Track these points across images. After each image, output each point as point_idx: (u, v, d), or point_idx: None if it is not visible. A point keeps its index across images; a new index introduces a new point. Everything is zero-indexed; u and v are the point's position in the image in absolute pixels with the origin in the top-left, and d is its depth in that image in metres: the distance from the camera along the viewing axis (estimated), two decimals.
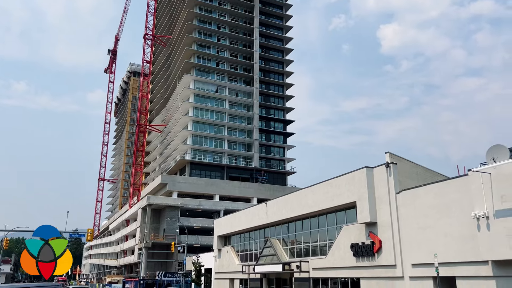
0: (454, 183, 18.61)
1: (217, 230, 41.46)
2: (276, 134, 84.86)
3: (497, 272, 15.97)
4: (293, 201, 29.33)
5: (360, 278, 22.62)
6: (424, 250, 18.93)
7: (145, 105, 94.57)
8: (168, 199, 69.84)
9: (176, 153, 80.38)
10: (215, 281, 40.35)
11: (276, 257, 29.57)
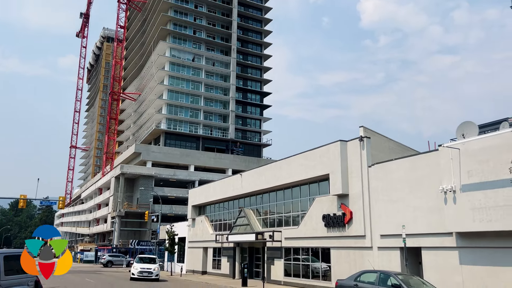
0: (424, 157, 19.13)
1: (191, 200, 41.63)
2: (253, 106, 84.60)
3: (460, 243, 16.73)
4: (268, 173, 29.63)
5: (331, 247, 23.31)
6: (393, 222, 19.58)
7: (118, 72, 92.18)
8: (142, 169, 69.33)
9: (150, 122, 79.29)
10: (189, 250, 40.83)
11: (250, 227, 30.05)
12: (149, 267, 29.99)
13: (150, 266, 30.15)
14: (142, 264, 30.52)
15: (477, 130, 17.88)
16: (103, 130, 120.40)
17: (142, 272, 29.65)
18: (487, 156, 15.60)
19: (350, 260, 21.86)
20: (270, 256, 28.45)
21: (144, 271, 29.73)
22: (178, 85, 77.04)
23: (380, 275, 14.74)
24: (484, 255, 15.92)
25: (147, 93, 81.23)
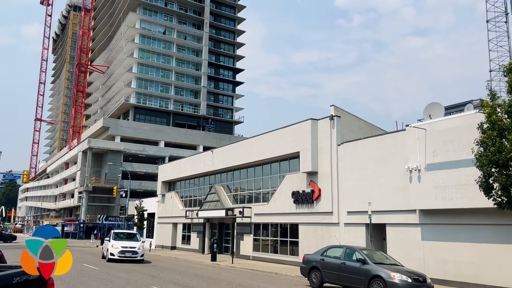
0: (392, 137, 19.60)
1: (161, 176, 41.33)
2: (225, 82, 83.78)
3: (423, 220, 17.42)
4: (239, 150, 29.67)
5: (299, 223, 23.80)
6: (360, 199, 20.13)
7: (86, 43, 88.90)
8: (110, 143, 67.98)
9: (119, 96, 77.36)
10: (158, 225, 40.76)
11: (220, 203, 30.22)
12: (133, 246, 23.89)
13: (133, 244, 24.03)
14: (122, 242, 24.17)
15: (443, 111, 18.40)
16: (69, 103, 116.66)
17: (124, 251, 23.43)
18: (451, 136, 16.13)
19: (318, 235, 22.42)
20: (239, 231, 28.80)
21: (127, 250, 23.52)
22: (149, 58, 75.16)
23: (346, 250, 15.20)
24: (444, 231, 16.66)
25: (116, 66, 78.92)
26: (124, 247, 23.65)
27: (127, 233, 26.85)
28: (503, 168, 11.77)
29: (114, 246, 23.64)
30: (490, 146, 11.90)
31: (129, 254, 23.50)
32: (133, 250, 23.61)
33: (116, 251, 23.44)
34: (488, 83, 15.51)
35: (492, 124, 12.06)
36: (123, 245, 23.83)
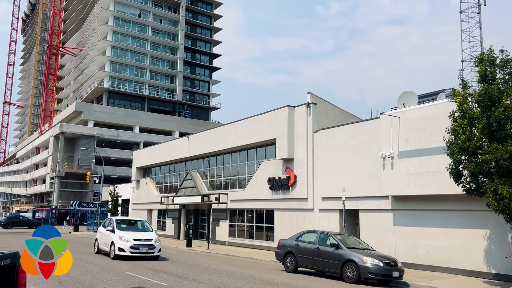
0: (366, 125, 19.91)
1: (136, 161, 40.83)
2: (202, 67, 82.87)
3: (395, 206, 17.87)
4: (216, 136, 29.56)
5: (275, 209, 24.03)
6: (334, 186, 20.44)
7: (57, 25, 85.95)
8: (83, 128, 66.55)
9: (92, 80, 75.49)
10: (133, 212, 40.40)
11: (196, 189, 30.14)
12: (148, 238, 18.23)
13: (148, 236, 18.41)
14: (133, 233, 18.35)
15: (416, 100, 18.77)
16: (40, 86, 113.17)
17: (138, 246, 17.67)
18: (424, 124, 16.50)
19: (293, 221, 22.70)
20: (215, 217, 28.87)
21: (142, 244, 17.79)
22: (123, 41, 73.42)
23: (320, 235, 15.47)
24: (415, 217, 17.15)
25: (89, 48, 76.79)
26: (137, 240, 17.78)
27: (133, 221, 20.96)
28: (472, 156, 12.15)
29: (124, 239, 17.71)
30: (460, 134, 12.25)
31: (145, 249, 17.71)
32: (149, 244, 17.88)
33: (126, 245, 17.53)
34: (460, 72, 15.91)
35: (463, 113, 12.39)
36: (136, 236, 17.92)
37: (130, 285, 11.45)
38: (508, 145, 11.13)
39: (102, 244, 19.51)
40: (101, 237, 19.73)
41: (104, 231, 19.49)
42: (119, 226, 18.96)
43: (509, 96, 11.66)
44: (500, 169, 11.44)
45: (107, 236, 18.90)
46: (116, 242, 17.85)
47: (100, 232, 20.31)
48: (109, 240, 18.50)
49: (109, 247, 18.29)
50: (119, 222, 19.63)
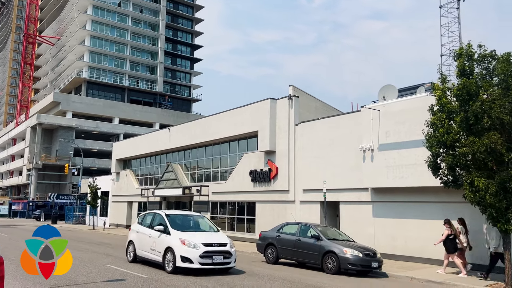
0: (347, 118, 20.09)
1: (116, 153, 40.30)
2: (183, 58, 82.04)
3: (375, 198, 18.14)
4: (197, 128, 29.39)
5: (256, 201, 24.11)
6: (315, 178, 20.61)
7: (34, 13, 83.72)
8: (61, 119, 65.23)
9: (71, 70, 73.93)
10: (113, 204, 39.95)
11: (177, 182, 29.97)
12: (222, 242, 12.85)
13: (221, 239, 13.02)
14: (198, 235, 12.96)
15: (397, 93, 19.01)
16: (16, 76, 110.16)
17: (211, 254, 12.27)
18: (404, 118, 16.74)
19: (274, 213, 22.83)
20: (197, 210, 28.77)
21: (216, 251, 12.43)
22: (102, 31, 71.99)
23: (301, 227, 15.62)
24: (394, 208, 17.46)
25: (67, 38, 75.04)
26: (208, 245, 12.31)
27: (189, 216, 14.83)
28: (450, 149, 12.39)
29: (189, 244, 12.11)
30: (439, 128, 12.46)
31: (219, 258, 12.27)
32: (225, 251, 12.47)
33: (194, 253, 11.97)
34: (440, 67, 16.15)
35: (441, 107, 12.60)
36: (205, 240, 12.48)
37: None
38: (484, 138, 11.38)
39: (143, 249, 13.77)
40: (141, 239, 13.99)
41: (147, 231, 13.81)
42: (175, 225, 13.18)
43: (486, 91, 11.90)
44: (476, 162, 11.71)
45: (154, 238, 13.23)
46: (177, 248, 12.12)
47: (137, 231, 14.39)
48: (160, 244, 12.87)
49: (162, 255, 12.60)
50: (173, 218, 13.63)
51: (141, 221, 14.78)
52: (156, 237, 13.19)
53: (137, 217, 15.34)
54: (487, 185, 11.26)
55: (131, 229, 15.02)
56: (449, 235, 13.97)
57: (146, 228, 14.07)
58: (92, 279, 11.03)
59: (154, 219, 14.00)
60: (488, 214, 11.71)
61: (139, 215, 16.02)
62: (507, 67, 11.73)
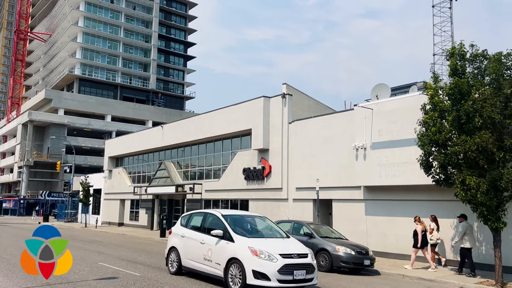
0: (340, 116, 20.15)
1: (108, 151, 40.08)
2: (176, 56, 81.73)
3: (367, 196, 18.24)
4: (191, 126, 29.32)
5: (249, 199, 24.13)
6: (308, 176, 20.67)
7: (25, 8, 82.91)
8: (53, 116, 64.74)
9: (63, 67, 73.33)
10: (105, 202, 39.76)
11: (170, 179, 29.89)
12: (302, 252, 9.71)
13: (298, 248, 9.88)
14: (270, 242, 9.83)
15: (389, 92, 19.10)
16: (7, 72, 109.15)
17: (292, 268, 9.17)
18: (396, 116, 16.83)
19: (267, 211, 22.83)
20: (189, 207, 28.71)
21: (297, 265, 9.31)
22: (95, 27, 71.47)
23: (294, 225, 15.66)
24: (386, 206, 17.56)
25: (59, 34, 74.40)
26: (287, 256, 9.39)
27: (250, 217, 11.65)
28: (442, 148, 12.49)
29: (263, 255, 9.25)
30: (431, 127, 12.55)
31: (301, 274, 9.37)
32: (306, 264, 9.54)
33: (271, 267, 9.09)
34: (432, 66, 16.25)
35: (434, 106, 12.68)
36: (282, 250, 9.54)
37: None
38: (476, 137, 11.48)
39: (192, 258, 10.89)
40: (189, 246, 11.11)
41: (197, 236, 10.92)
42: (237, 228, 10.27)
43: (477, 90, 12.00)
44: (468, 161, 11.81)
45: (209, 245, 10.30)
46: (247, 260, 9.20)
47: (182, 236, 11.51)
48: (219, 254, 9.92)
49: (223, 268, 9.65)
50: (233, 220, 10.69)
51: (185, 222, 11.97)
52: (212, 244, 10.17)
53: (180, 217, 12.45)
54: (478, 184, 11.37)
55: (172, 232, 12.22)
56: (422, 231, 14.50)
57: (196, 232, 11.12)
58: (84, 277, 10.98)
59: (206, 221, 11.19)
60: (479, 212, 11.83)
61: (182, 216, 12.46)
62: (498, 67, 11.83)
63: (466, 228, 13.43)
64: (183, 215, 12.51)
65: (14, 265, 12.41)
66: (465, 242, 13.41)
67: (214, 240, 10.22)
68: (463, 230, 13.42)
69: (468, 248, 13.41)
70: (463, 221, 13.60)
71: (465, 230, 13.41)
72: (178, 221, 12.34)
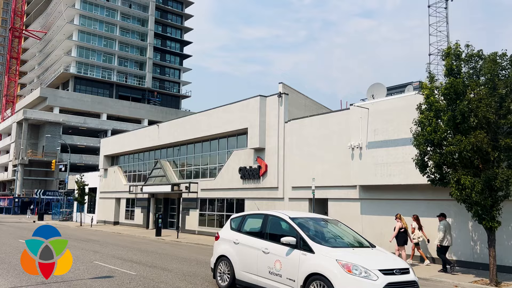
0: (336, 116, 20.18)
1: (104, 149, 39.96)
2: (172, 54, 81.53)
3: (363, 195, 18.29)
4: (187, 125, 29.28)
5: (245, 198, 24.13)
6: (304, 175, 20.70)
7: (20, 6, 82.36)
8: (48, 115, 64.42)
9: (58, 65, 72.96)
10: (100, 200, 39.64)
11: (166, 178, 29.85)
12: (402, 267, 7.58)
13: (397, 262, 7.77)
14: (361, 254, 7.83)
15: (385, 92, 19.16)
16: (2, 70, 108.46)
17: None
18: (392, 116, 16.88)
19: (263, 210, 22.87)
20: (185, 206, 28.72)
21: (403, 284, 7.26)
22: (90, 26, 71.16)
23: None
24: (382, 206, 17.62)
25: (55, 32, 74.01)
26: (388, 272, 7.32)
27: (322, 221, 9.58)
28: (437, 147, 12.54)
29: (358, 270, 7.19)
30: (426, 126, 12.60)
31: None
32: (411, 282, 7.50)
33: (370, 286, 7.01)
34: (428, 66, 16.31)
35: (429, 105, 12.73)
36: (382, 265, 7.45)
37: None
38: (471, 137, 11.54)
39: (252, 271, 8.94)
40: (247, 255, 9.13)
41: (257, 243, 8.94)
42: (315, 236, 8.32)
43: (473, 90, 12.05)
44: (463, 160, 11.88)
45: (277, 256, 8.36)
46: (336, 277, 7.28)
47: (236, 242, 9.53)
48: (293, 267, 8.02)
49: (300, 285, 7.80)
50: (306, 225, 8.71)
51: (238, 226, 9.86)
52: (280, 255, 8.22)
53: (229, 220, 10.32)
54: (473, 183, 11.43)
55: (220, 237, 10.11)
56: (400, 228, 14.74)
57: (254, 238, 9.09)
58: (79, 276, 10.95)
59: (267, 225, 9.06)
60: (474, 212, 11.90)
61: (232, 218, 10.29)
62: (493, 67, 11.89)
63: (445, 226, 13.71)
64: (232, 216, 10.40)
65: (9, 264, 12.36)
66: (444, 240, 13.70)
67: (283, 249, 8.19)
68: (444, 228, 13.72)
69: (446, 246, 13.71)
70: (443, 219, 13.93)
71: (445, 228, 13.66)
72: (227, 224, 10.29)
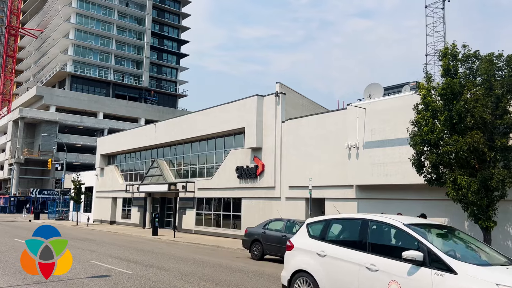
0: (333, 115, 20.22)
1: (100, 148, 39.85)
2: (169, 53, 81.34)
3: (359, 195, 18.33)
4: (183, 124, 29.24)
5: (242, 198, 24.14)
6: (301, 175, 20.72)
7: (17, 4, 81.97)
8: (44, 113, 64.15)
9: (54, 64, 72.65)
10: (97, 199, 39.54)
11: (162, 178, 29.81)
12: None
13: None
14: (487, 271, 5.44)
15: (382, 92, 19.20)
16: None
17: None
18: (389, 116, 16.92)
19: (260, 209, 22.89)
20: (182, 206, 28.69)
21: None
22: (87, 24, 70.88)
23: (287, 223, 15.70)
24: (379, 205, 17.64)
25: (51, 30, 73.69)
26: None
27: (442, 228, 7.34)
28: (434, 147, 12.59)
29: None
30: (423, 126, 12.64)
31: None
32: None
33: None
34: (425, 66, 16.36)
35: (426, 105, 12.78)
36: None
37: None
38: (467, 137, 11.58)
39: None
40: (341, 273, 6.84)
41: (359, 257, 6.63)
42: (451, 252, 6.03)
43: (469, 90, 12.10)
44: (459, 160, 11.92)
45: (392, 276, 6.09)
46: None
47: (321, 254, 7.24)
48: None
49: None
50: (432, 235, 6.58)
51: (321, 233, 7.66)
52: (399, 274, 6.05)
53: (305, 224, 8.12)
54: (469, 183, 11.48)
55: (295, 246, 7.89)
56: None
57: (351, 250, 6.87)
58: (76, 275, 10.93)
59: (368, 232, 6.88)
60: (470, 212, 11.95)
61: (310, 224, 8.07)
62: (490, 68, 11.94)
63: None
64: (309, 221, 8.18)
65: (5, 263, 12.31)
66: None
67: (402, 266, 6.05)
68: None
69: None
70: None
71: None
72: (303, 230, 8.02)
